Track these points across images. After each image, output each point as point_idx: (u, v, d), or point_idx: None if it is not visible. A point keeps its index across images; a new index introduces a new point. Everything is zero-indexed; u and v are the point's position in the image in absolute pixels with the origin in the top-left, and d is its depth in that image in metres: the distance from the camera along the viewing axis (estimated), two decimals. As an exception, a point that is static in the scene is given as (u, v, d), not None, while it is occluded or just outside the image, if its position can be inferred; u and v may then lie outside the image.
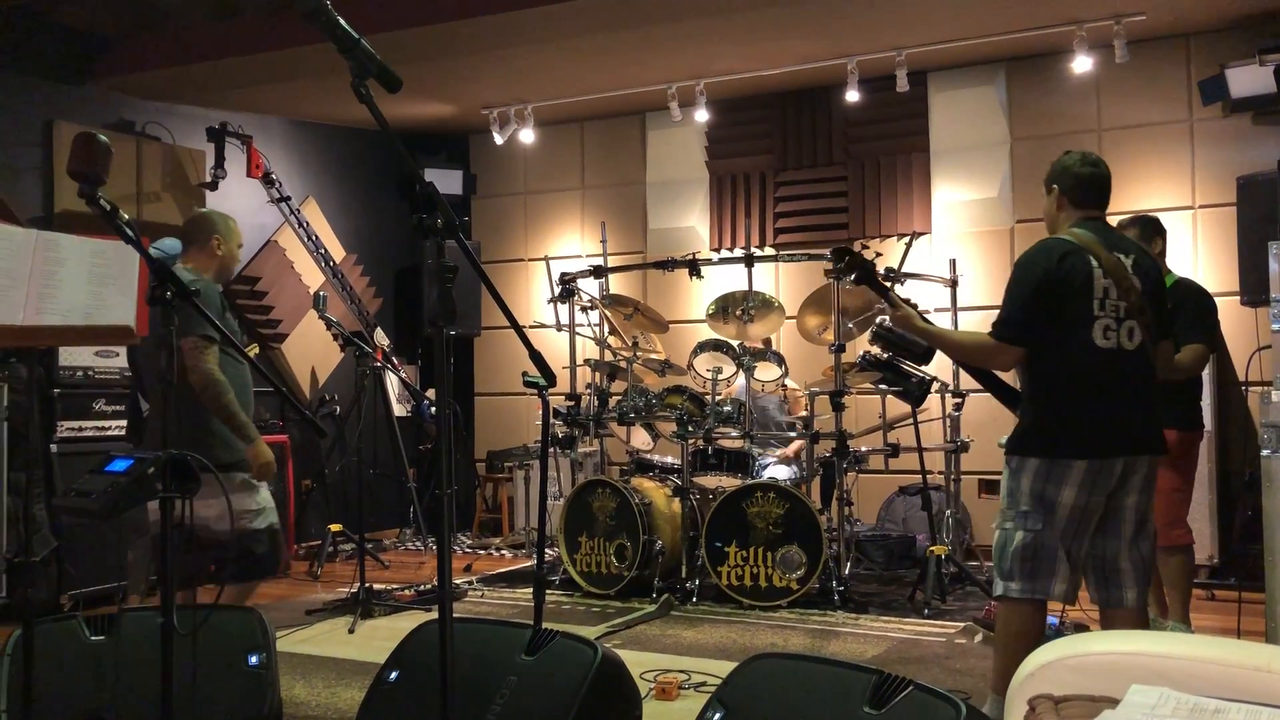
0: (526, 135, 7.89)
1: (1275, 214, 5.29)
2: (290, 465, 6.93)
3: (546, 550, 6.17)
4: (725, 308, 6.21)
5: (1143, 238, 4.27)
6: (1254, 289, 5.34)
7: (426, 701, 2.82)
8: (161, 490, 2.31)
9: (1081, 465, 3.02)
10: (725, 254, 7.64)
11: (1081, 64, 6.37)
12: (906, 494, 6.87)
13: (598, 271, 6.64)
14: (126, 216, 2.40)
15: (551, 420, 4.72)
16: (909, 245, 6.30)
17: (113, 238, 2.45)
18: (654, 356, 6.56)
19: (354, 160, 8.31)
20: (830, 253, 3.51)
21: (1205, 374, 5.44)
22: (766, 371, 6.12)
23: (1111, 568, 3.12)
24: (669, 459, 6.36)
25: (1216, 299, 4.46)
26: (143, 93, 6.84)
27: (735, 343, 6.11)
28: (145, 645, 2.79)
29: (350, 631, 5.04)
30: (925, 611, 5.24)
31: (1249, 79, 5.91)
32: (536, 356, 2.39)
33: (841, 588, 5.45)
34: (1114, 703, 1.54)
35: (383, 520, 8.05)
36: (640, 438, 6.49)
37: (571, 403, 6.46)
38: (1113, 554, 3.11)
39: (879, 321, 3.68)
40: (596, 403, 6.36)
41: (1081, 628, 4.18)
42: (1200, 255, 6.49)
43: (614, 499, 5.79)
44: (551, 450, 6.35)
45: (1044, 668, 1.74)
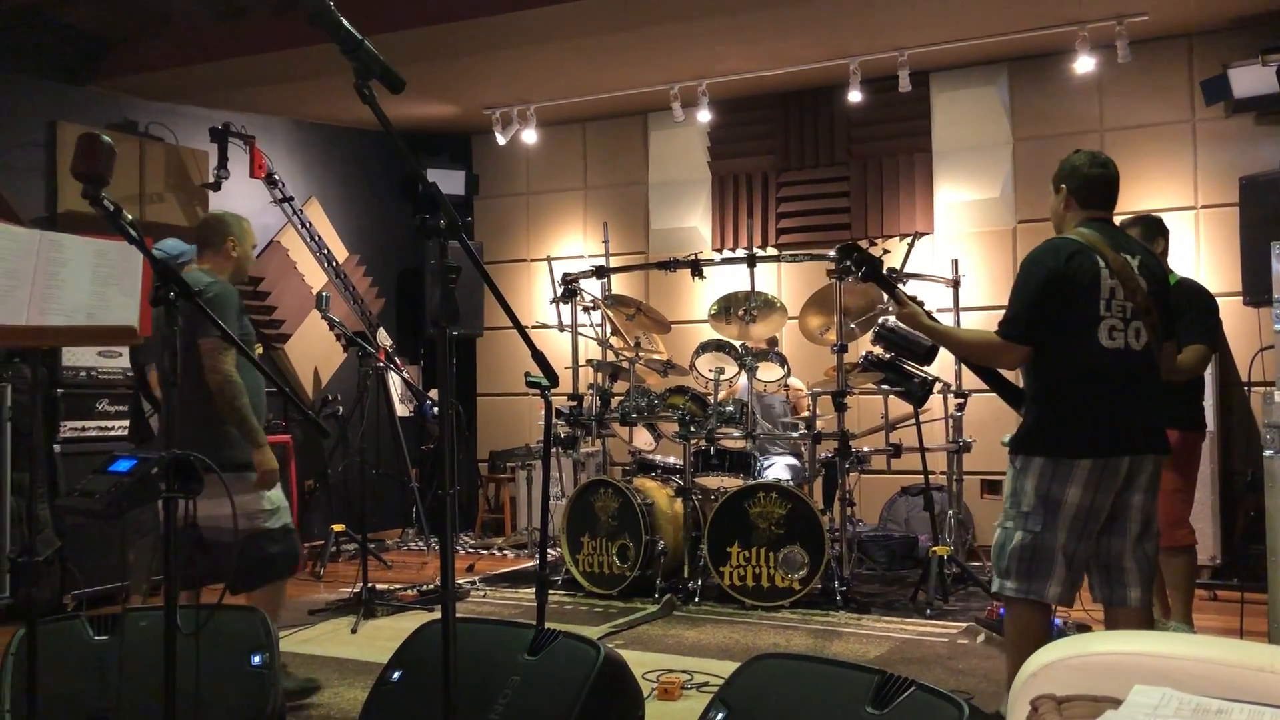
0: (529, 135, 7.90)
1: (1278, 214, 5.29)
2: (293, 465, 6.93)
3: (549, 550, 6.16)
4: (727, 308, 6.21)
5: (1145, 238, 4.27)
6: (1256, 289, 5.33)
7: (429, 701, 2.82)
8: (165, 490, 2.31)
9: (1086, 464, 3.02)
10: (727, 254, 7.64)
11: (1084, 64, 6.37)
12: (909, 494, 6.87)
13: (600, 272, 6.65)
14: (130, 217, 2.40)
15: (554, 420, 4.72)
16: (911, 245, 6.29)
17: (116, 238, 2.45)
18: (656, 357, 6.56)
19: (357, 161, 8.32)
20: (836, 250, 3.50)
21: (1208, 374, 5.44)
22: (769, 372, 6.12)
23: (1116, 567, 3.12)
24: (671, 459, 6.36)
25: (1219, 299, 4.47)
26: (146, 93, 6.84)
27: (737, 343, 6.11)
28: (148, 645, 2.80)
29: (353, 631, 5.04)
30: (927, 612, 5.24)
31: (1251, 79, 5.91)
32: (539, 357, 2.39)
33: (844, 588, 5.45)
34: (1116, 703, 1.54)
35: (385, 520, 8.05)
36: (642, 438, 6.49)
37: (574, 403, 6.46)
38: (1117, 553, 3.12)
39: (881, 322, 3.68)
40: (599, 403, 6.36)
41: (1084, 628, 4.18)
42: (1202, 255, 6.48)
43: (616, 499, 5.79)
44: (554, 450, 6.34)
45: (1046, 668, 1.74)
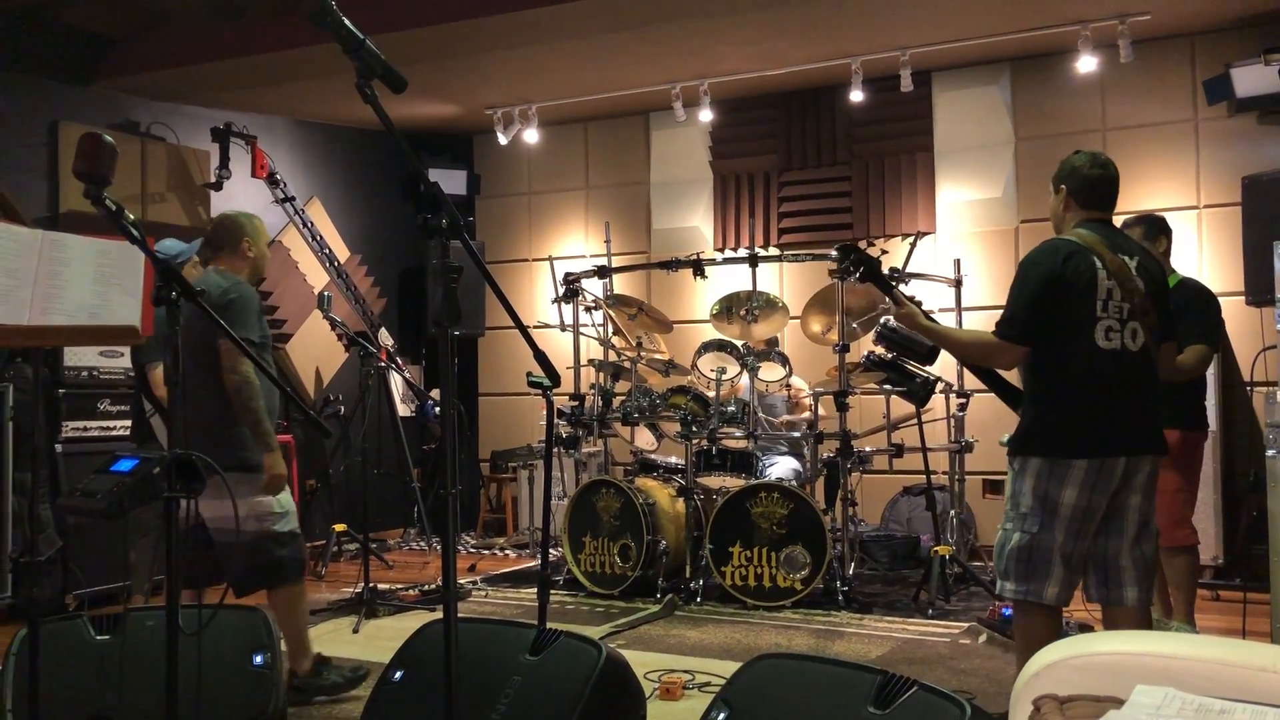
0: (530, 135, 7.90)
1: (1280, 214, 5.28)
2: (295, 465, 6.94)
3: (550, 550, 6.15)
4: (729, 308, 6.21)
5: (1147, 237, 4.27)
6: (1259, 289, 5.33)
7: (431, 701, 2.83)
8: (167, 490, 2.31)
9: (1082, 465, 3.03)
10: (729, 254, 7.63)
11: (1086, 64, 6.36)
12: (911, 494, 6.86)
13: (602, 271, 6.64)
14: (132, 216, 2.40)
15: (555, 420, 4.72)
16: (913, 245, 6.29)
17: (118, 238, 2.46)
18: (658, 356, 6.56)
19: (358, 160, 8.32)
20: (835, 250, 3.50)
21: (1210, 374, 5.43)
22: (770, 371, 6.12)
23: (1113, 566, 3.13)
24: (673, 459, 6.36)
25: (1221, 299, 4.46)
26: (148, 93, 6.85)
27: (739, 343, 6.11)
28: (150, 644, 2.80)
29: (355, 631, 5.04)
30: (929, 612, 5.24)
31: (1254, 78, 5.90)
32: (541, 356, 2.39)
33: (845, 588, 5.45)
34: (1119, 703, 1.54)
35: (387, 520, 8.05)
36: (644, 438, 6.49)
37: (575, 403, 6.47)
38: (1114, 553, 3.12)
39: (883, 321, 3.67)
40: (600, 403, 6.37)
41: (1087, 628, 4.17)
42: (1205, 255, 6.48)
43: (618, 499, 5.79)
44: (555, 450, 6.33)
45: (1049, 668, 1.74)
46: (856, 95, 6.88)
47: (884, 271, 3.59)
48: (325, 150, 8.12)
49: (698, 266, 6.20)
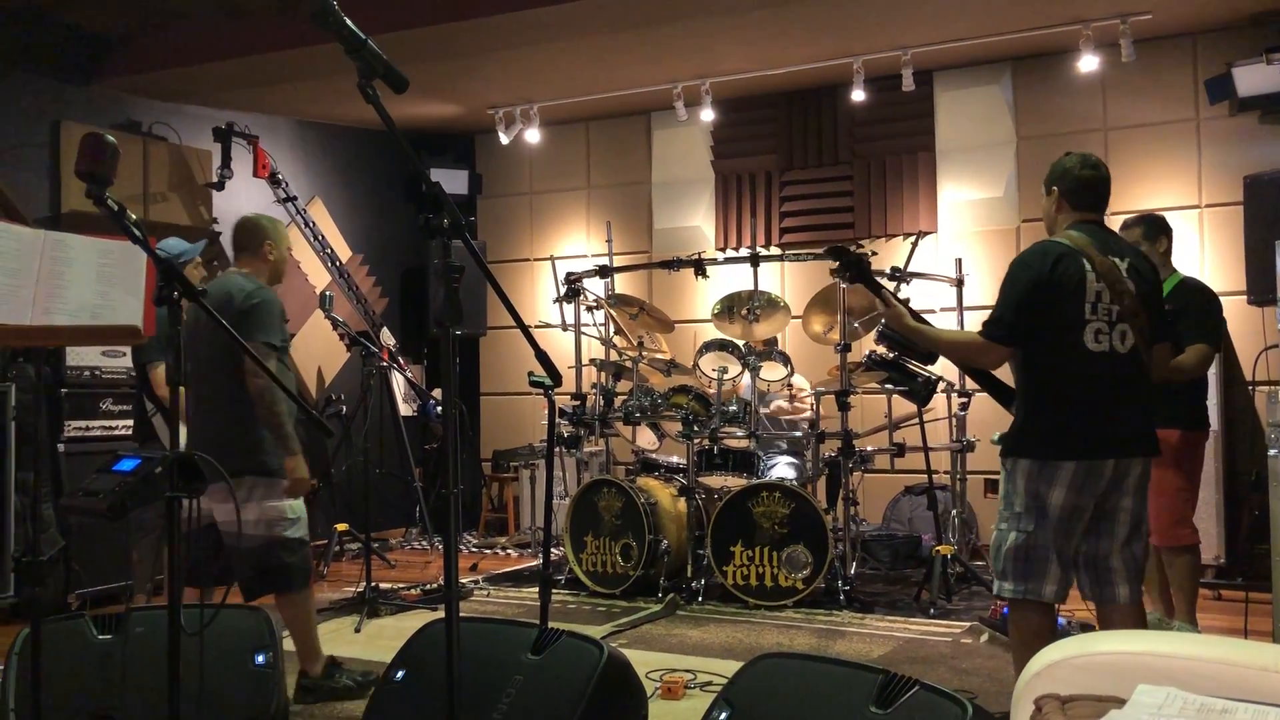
0: (532, 135, 7.90)
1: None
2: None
3: (552, 550, 6.16)
4: (731, 307, 6.21)
5: (1147, 237, 4.26)
6: (1260, 288, 5.33)
7: (433, 701, 2.83)
8: (169, 490, 2.32)
9: (1070, 466, 3.04)
10: (730, 254, 7.63)
11: (1087, 63, 6.35)
12: (912, 493, 6.86)
13: (603, 271, 6.65)
14: (134, 216, 2.40)
15: (557, 420, 4.72)
16: (915, 245, 6.30)
17: (120, 238, 2.46)
18: (659, 356, 6.56)
19: (360, 160, 8.32)
20: (823, 251, 3.51)
21: (1211, 373, 5.42)
22: (772, 371, 6.12)
23: (1104, 566, 3.14)
24: (674, 458, 6.36)
25: (1223, 298, 4.46)
26: (149, 93, 6.85)
27: (741, 342, 6.11)
28: (152, 644, 2.80)
29: (356, 631, 5.04)
30: (931, 611, 5.24)
31: (1256, 78, 5.90)
32: (542, 356, 2.39)
33: (847, 587, 5.45)
34: (1120, 702, 1.54)
35: (389, 520, 8.06)
36: (646, 437, 6.49)
37: (577, 402, 6.47)
38: (1105, 554, 3.13)
39: (884, 321, 3.67)
40: (602, 402, 6.37)
41: (1088, 627, 4.17)
42: (1206, 254, 6.47)
43: (619, 498, 5.79)
44: (557, 450, 6.33)
45: (1050, 667, 1.74)
46: (858, 95, 6.87)
47: (872, 271, 3.60)
48: (327, 150, 8.12)
49: (699, 266, 6.20)
